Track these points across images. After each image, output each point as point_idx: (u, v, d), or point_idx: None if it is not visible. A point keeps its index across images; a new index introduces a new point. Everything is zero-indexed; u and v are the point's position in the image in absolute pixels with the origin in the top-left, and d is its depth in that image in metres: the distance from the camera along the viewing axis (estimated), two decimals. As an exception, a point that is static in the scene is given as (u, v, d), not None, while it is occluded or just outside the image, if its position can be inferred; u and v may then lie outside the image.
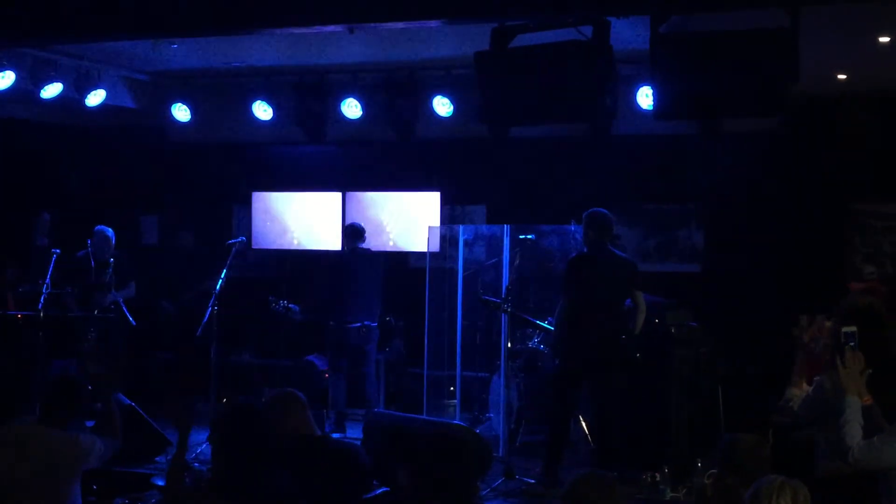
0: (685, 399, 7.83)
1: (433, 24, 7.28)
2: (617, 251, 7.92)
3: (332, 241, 11.27)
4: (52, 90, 9.28)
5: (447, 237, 9.98)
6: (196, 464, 7.76)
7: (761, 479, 3.69)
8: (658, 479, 7.19)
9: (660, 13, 6.13)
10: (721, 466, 4.57)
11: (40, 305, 9.02)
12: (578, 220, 8.50)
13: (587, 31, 6.26)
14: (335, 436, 8.88)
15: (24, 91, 9.16)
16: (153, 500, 5.27)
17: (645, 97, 8.90)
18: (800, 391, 5.55)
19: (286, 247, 11.34)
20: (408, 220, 10.98)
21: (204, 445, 8.33)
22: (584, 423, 8.50)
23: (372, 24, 7.12)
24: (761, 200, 9.84)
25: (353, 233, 9.83)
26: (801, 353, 5.61)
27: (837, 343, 4.77)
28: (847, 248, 9.81)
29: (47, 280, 9.08)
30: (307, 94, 10.28)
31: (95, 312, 9.63)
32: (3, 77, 8.75)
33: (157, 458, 8.01)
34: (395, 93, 9.95)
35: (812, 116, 9.34)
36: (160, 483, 6.66)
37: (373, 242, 11.10)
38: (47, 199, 11.33)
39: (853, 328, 4.61)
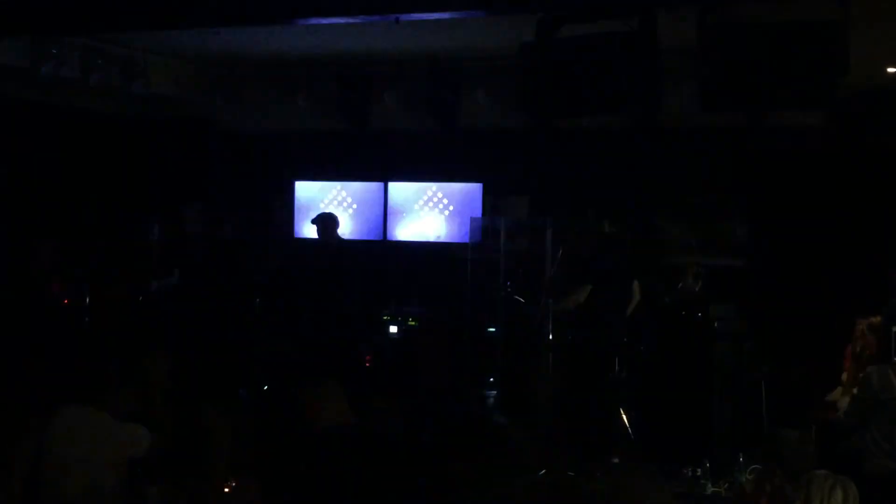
0: (727, 394, 7.78)
1: (478, 14, 7.27)
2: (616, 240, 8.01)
3: (374, 230, 11.30)
4: (98, 78, 9.36)
5: (489, 228, 9.97)
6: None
7: (811, 474, 3.65)
8: (699, 473, 7.16)
9: (707, 3, 6.07)
10: (765, 462, 4.54)
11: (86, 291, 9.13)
12: (622, 213, 8.49)
13: (634, 22, 6.21)
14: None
15: (72, 79, 9.25)
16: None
17: (691, 89, 8.82)
18: (849, 399, 5.53)
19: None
20: (450, 210, 10.98)
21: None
22: (624, 416, 8.47)
23: (417, 15, 7.11)
24: (807, 194, 9.73)
25: (334, 222, 9.86)
26: (852, 362, 5.59)
27: (886, 341, 4.72)
28: (894, 243, 9.66)
29: (94, 267, 9.19)
30: (350, 84, 10.31)
31: (140, 299, 9.73)
32: (51, 65, 8.83)
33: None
34: (438, 83, 9.95)
35: (861, 110, 9.20)
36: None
37: (414, 233, 11.15)
38: (94, 186, 11.44)
39: None
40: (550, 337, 8.22)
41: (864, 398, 5.61)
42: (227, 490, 4.82)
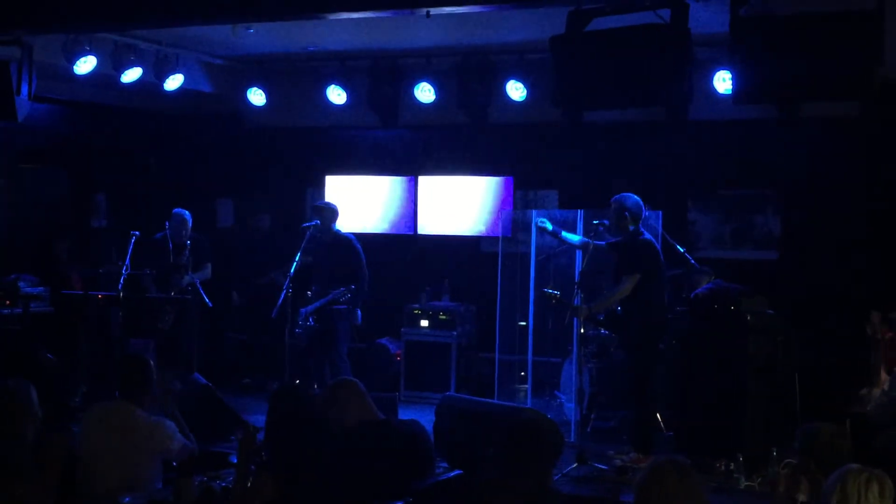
0: (761, 387, 7.73)
1: (508, 8, 7.26)
2: None
3: (405, 224, 11.32)
4: (131, 75, 9.43)
5: (519, 222, 9.96)
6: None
7: (843, 469, 3.62)
8: (732, 467, 7.13)
9: (740, -5, 6.04)
10: (800, 456, 4.51)
11: (120, 286, 9.19)
12: (653, 206, 8.44)
13: (665, 14, 6.19)
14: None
15: (105, 76, 9.33)
16: (230, 478, 5.37)
17: (722, 81, 8.80)
18: (880, 391, 5.49)
19: (359, 230, 11.36)
20: (480, 204, 10.99)
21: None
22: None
23: (447, 9, 7.12)
24: (841, 187, 9.64)
25: (332, 214, 9.50)
26: (878, 352, 5.55)
27: None
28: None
29: (127, 261, 9.25)
30: (381, 79, 10.33)
31: (172, 294, 9.81)
32: (85, 62, 8.91)
33: (232, 437, 8.12)
34: (469, 77, 9.95)
35: (894, 102, 9.09)
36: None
37: (445, 227, 11.15)
38: (125, 181, 11.55)
39: None
40: (582, 330, 8.20)
41: None
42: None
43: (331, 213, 9.47)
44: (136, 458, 5.46)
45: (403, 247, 11.29)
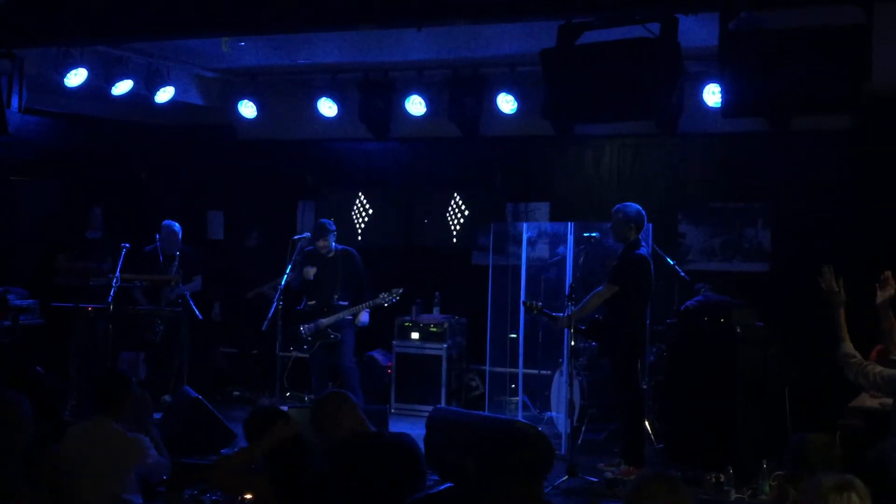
0: (751, 400, 7.75)
1: (499, 22, 7.28)
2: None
3: (396, 236, 11.32)
4: (122, 87, 9.43)
5: (510, 234, 9.98)
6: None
7: (817, 482, 3.59)
8: (723, 479, 7.14)
9: (729, 9, 6.06)
10: (791, 466, 4.51)
11: (110, 298, 9.17)
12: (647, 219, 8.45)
13: (655, 28, 6.22)
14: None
15: (96, 88, 9.33)
16: (220, 492, 5.36)
17: (712, 94, 8.83)
18: (850, 343, 5.66)
19: (350, 242, 11.35)
20: (471, 216, 10.99)
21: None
22: (647, 423, 8.47)
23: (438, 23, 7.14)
24: (831, 199, 9.67)
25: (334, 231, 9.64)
26: (835, 305, 5.77)
27: None
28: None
29: (117, 273, 9.24)
30: (372, 91, 10.34)
31: (163, 306, 9.80)
32: (76, 74, 8.91)
33: (223, 451, 8.11)
34: (460, 90, 9.98)
35: (884, 115, 9.14)
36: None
37: (436, 239, 11.16)
38: (117, 193, 11.53)
39: None
40: (573, 343, 8.21)
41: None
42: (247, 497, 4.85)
43: (328, 231, 9.50)
44: (117, 472, 5.50)
45: (394, 259, 11.29)
